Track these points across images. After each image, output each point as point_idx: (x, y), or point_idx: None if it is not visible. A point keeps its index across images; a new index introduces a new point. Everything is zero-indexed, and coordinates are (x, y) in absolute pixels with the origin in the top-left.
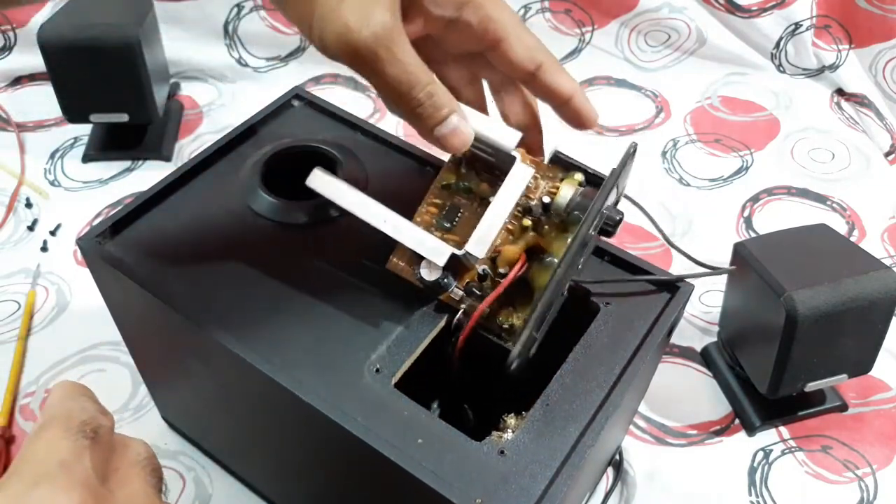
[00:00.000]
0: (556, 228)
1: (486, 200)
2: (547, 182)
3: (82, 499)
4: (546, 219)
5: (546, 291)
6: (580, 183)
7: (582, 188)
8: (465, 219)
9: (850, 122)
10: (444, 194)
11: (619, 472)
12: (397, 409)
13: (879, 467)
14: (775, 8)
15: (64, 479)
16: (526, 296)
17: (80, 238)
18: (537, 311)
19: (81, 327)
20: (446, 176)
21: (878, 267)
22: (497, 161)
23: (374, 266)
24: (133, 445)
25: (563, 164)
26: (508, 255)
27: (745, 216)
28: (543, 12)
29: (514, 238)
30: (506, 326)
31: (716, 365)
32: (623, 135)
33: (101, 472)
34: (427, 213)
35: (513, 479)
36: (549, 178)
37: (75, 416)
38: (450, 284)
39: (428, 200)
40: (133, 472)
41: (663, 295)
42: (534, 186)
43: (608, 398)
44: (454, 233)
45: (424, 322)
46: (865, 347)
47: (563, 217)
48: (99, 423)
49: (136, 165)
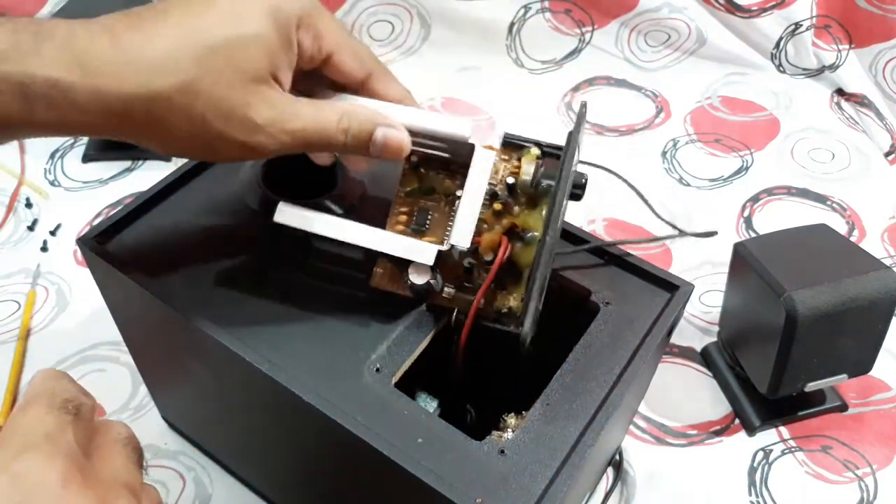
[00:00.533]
0: (527, 205)
1: (452, 196)
2: (505, 164)
3: (66, 468)
4: (514, 199)
5: (541, 260)
6: (537, 157)
7: (541, 160)
8: (436, 219)
9: (850, 122)
10: (410, 200)
11: (619, 472)
12: (397, 408)
13: (879, 467)
14: (775, 8)
15: (48, 449)
16: (515, 276)
17: (80, 238)
18: (536, 281)
19: (81, 327)
20: (407, 182)
21: (878, 267)
22: (452, 155)
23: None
24: (114, 425)
25: (516, 145)
26: (489, 242)
27: (745, 216)
28: (543, 12)
29: (489, 226)
30: (504, 311)
31: (716, 365)
32: (623, 135)
33: (84, 447)
34: (398, 223)
35: (513, 478)
36: (507, 160)
37: (58, 394)
38: (439, 285)
39: (395, 210)
40: (115, 450)
41: (663, 295)
42: (495, 171)
43: (608, 398)
44: (429, 235)
45: (424, 321)
46: (865, 347)
47: (530, 192)
48: (81, 402)
49: (136, 165)
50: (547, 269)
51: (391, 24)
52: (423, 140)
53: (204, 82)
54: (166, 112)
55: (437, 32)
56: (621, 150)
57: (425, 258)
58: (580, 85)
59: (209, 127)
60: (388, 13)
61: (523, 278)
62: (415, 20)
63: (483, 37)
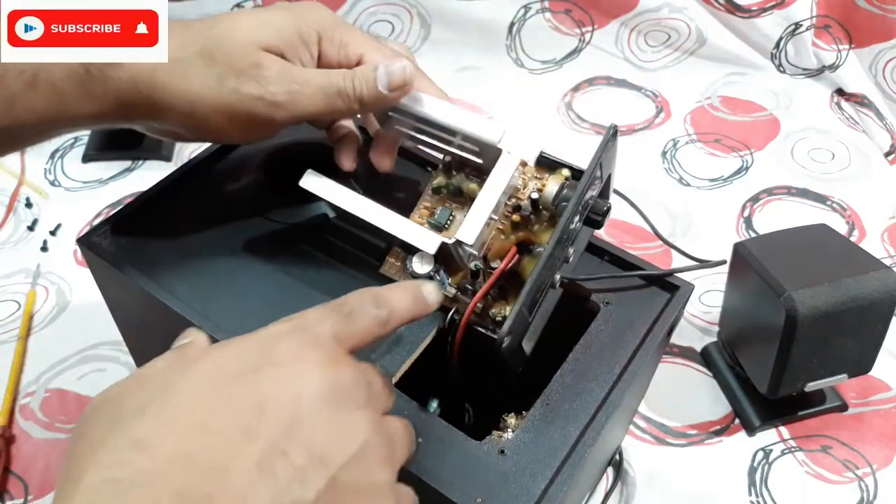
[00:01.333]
0: (546, 222)
1: None
2: (535, 181)
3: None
4: (535, 215)
5: (536, 268)
6: (566, 178)
7: (568, 181)
8: (456, 220)
9: (850, 122)
10: (436, 198)
11: (619, 472)
12: (397, 408)
13: (879, 467)
14: (775, 8)
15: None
16: (517, 287)
17: (80, 238)
18: (527, 286)
19: (81, 327)
20: (438, 179)
21: (878, 267)
22: (484, 162)
23: (374, 264)
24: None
25: (549, 165)
26: (499, 250)
27: (745, 216)
28: (543, 12)
29: (504, 236)
30: (499, 319)
31: (716, 365)
32: (623, 135)
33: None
34: (420, 216)
35: (513, 478)
36: (537, 178)
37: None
38: (442, 280)
39: (421, 204)
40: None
41: (663, 295)
42: (522, 186)
43: (608, 398)
44: (447, 233)
45: (424, 322)
46: (865, 347)
47: (551, 211)
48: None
49: (136, 165)
50: (542, 279)
51: (391, 24)
52: (456, 140)
53: (221, 48)
54: (189, 68)
55: (437, 32)
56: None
57: (428, 247)
58: (580, 85)
59: (224, 83)
60: (388, 13)
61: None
62: (415, 20)
63: (483, 37)
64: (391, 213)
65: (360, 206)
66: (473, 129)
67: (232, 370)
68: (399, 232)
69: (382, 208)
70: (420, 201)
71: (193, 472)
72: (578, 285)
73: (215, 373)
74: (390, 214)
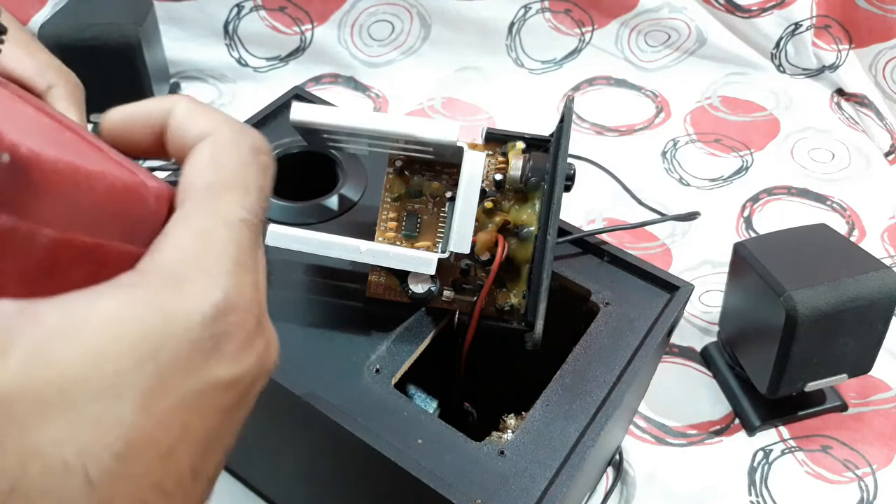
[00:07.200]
0: (518, 200)
1: (440, 198)
2: (491, 160)
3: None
4: (503, 195)
5: (545, 262)
6: (523, 150)
7: (527, 154)
8: (426, 222)
9: (850, 122)
10: (398, 206)
11: (619, 472)
12: (397, 409)
13: (879, 467)
14: (775, 8)
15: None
16: (513, 273)
17: None
18: (543, 282)
19: None
20: (394, 187)
21: (878, 267)
22: (437, 157)
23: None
24: None
25: (499, 139)
26: (484, 242)
27: (745, 216)
28: (543, 12)
29: (480, 224)
30: (506, 309)
31: (716, 365)
32: (623, 135)
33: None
34: (388, 230)
35: (513, 479)
36: (492, 156)
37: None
38: (438, 290)
39: (383, 217)
40: None
41: (663, 295)
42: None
43: (608, 398)
44: (422, 239)
45: (424, 323)
46: (865, 347)
47: (520, 187)
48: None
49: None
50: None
51: (391, 24)
52: (409, 145)
53: None
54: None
55: (437, 32)
56: (621, 150)
57: (427, 269)
58: (580, 85)
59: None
60: (388, 13)
61: (521, 275)
62: (415, 20)
63: (483, 37)
64: (373, 244)
65: (341, 248)
66: (430, 134)
67: None
68: (390, 262)
69: (363, 242)
70: (381, 213)
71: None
72: (578, 285)
73: None
74: (373, 246)
